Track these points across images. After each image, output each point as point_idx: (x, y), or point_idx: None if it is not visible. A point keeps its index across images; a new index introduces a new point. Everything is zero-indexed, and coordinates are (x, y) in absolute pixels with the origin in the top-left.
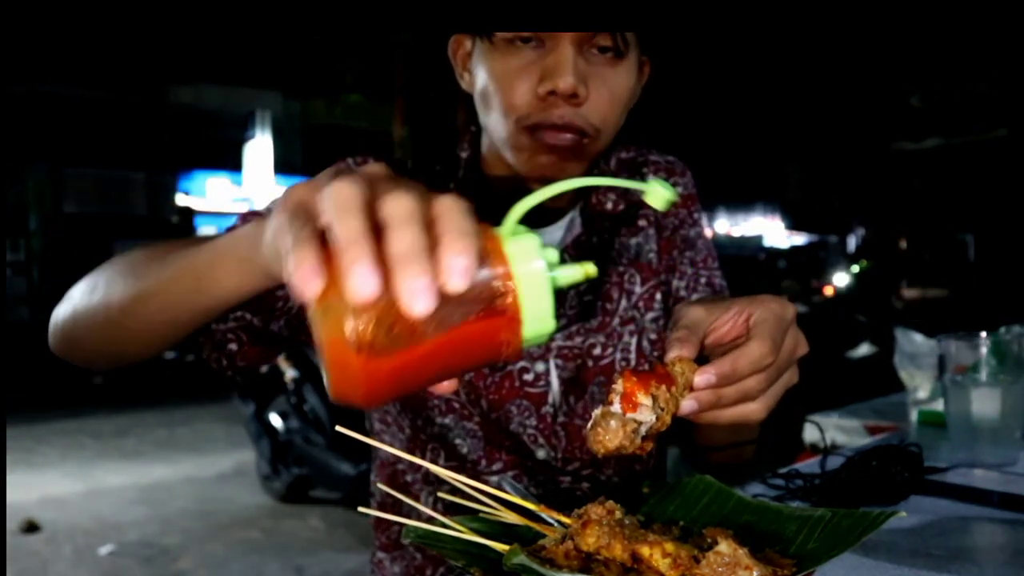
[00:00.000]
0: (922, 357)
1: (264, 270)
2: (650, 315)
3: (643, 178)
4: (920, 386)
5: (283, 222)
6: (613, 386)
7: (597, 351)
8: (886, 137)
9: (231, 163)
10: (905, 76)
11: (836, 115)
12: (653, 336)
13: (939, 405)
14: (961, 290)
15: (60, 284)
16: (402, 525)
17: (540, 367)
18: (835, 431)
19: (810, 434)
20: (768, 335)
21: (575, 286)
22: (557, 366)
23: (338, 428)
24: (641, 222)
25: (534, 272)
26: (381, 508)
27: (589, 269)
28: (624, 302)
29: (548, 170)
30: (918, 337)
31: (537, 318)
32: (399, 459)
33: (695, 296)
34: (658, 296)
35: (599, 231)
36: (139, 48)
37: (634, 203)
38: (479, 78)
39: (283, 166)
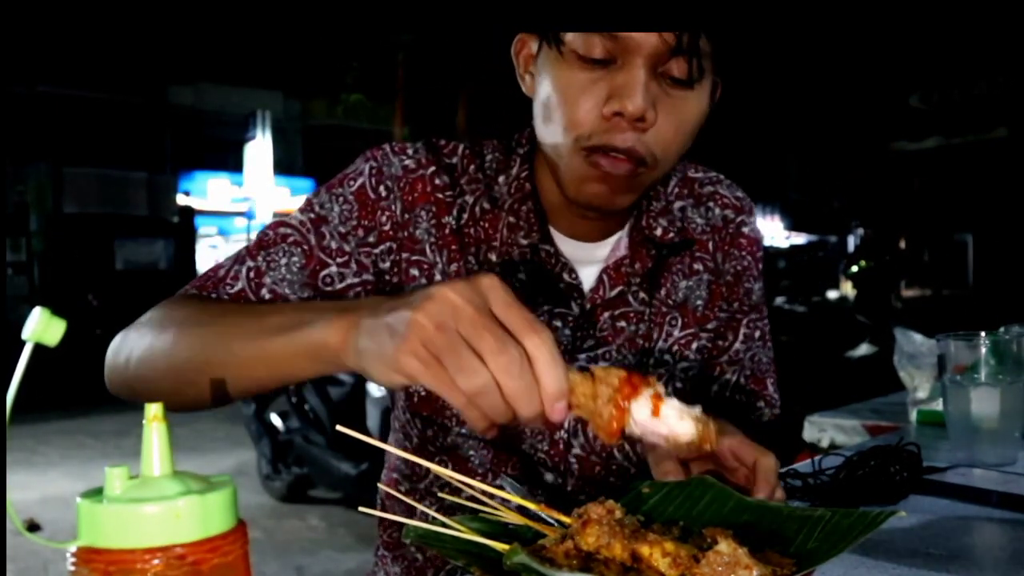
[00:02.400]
0: (922, 357)
1: (340, 366)
2: (682, 364)
3: (707, 209)
4: (919, 386)
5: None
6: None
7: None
8: (886, 137)
9: (231, 163)
10: (905, 76)
11: (836, 115)
12: (679, 384)
13: (938, 405)
14: (961, 290)
15: (60, 284)
16: (404, 526)
17: None
18: (835, 431)
19: (810, 434)
20: (767, 454)
21: (615, 309)
22: None
23: (338, 428)
24: (697, 266)
25: None
26: (384, 509)
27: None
28: (661, 343)
29: (597, 200)
30: (918, 337)
31: None
32: (402, 467)
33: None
34: (694, 346)
35: (645, 256)
36: (139, 49)
37: (690, 238)
38: (542, 87)
39: (283, 166)
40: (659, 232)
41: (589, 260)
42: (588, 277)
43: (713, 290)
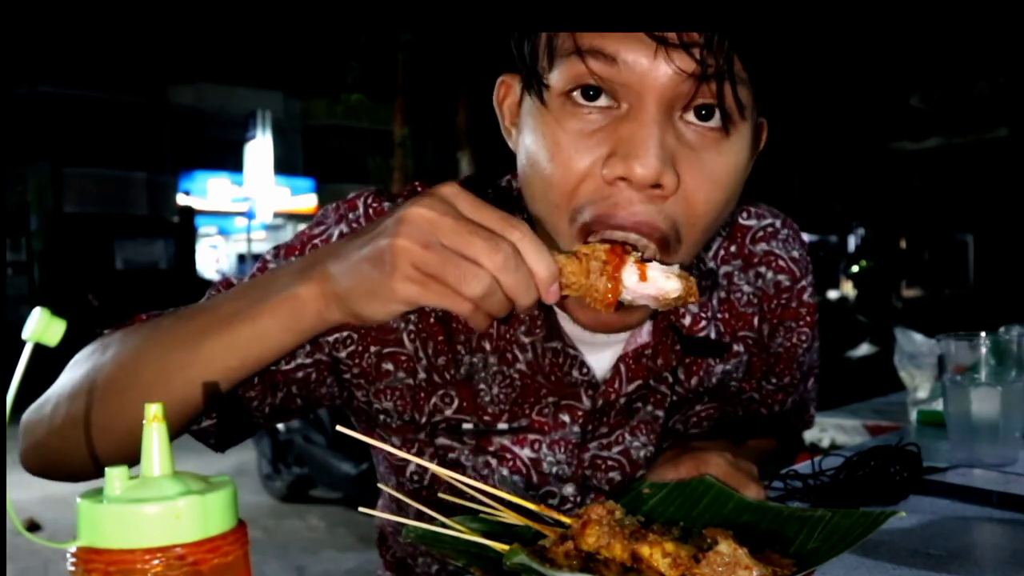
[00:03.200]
0: (922, 357)
1: (320, 323)
2: (695, 431)
3: (756, 275)
4: (920, 386)
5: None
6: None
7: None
8: (886, 137)
9: (231, 163)
10: (905, 76)
11: (836, 115)
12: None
13: (939, 405)
14: (961, 290)
15: (60, 284)
16: (406, 543)
17: (568, 490)
18: (835, 431)
19: (810, 434)
20: (749, 486)
21: (632, 396)
22: (596, 479)
23: (338, 428)
24: (738, 347)
25: None
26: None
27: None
28: (678, 416)
29: (600, 313)
30: (918, 337)
31: None
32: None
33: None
34: (715, 416)
35: (669, 350)
36: (140, 48)
37: (725, 342)
38: (523, 143)
39: (283, 166)
40: (688, 321)
41: (603, 342)
42: (601, 362)
43: (754, 363)
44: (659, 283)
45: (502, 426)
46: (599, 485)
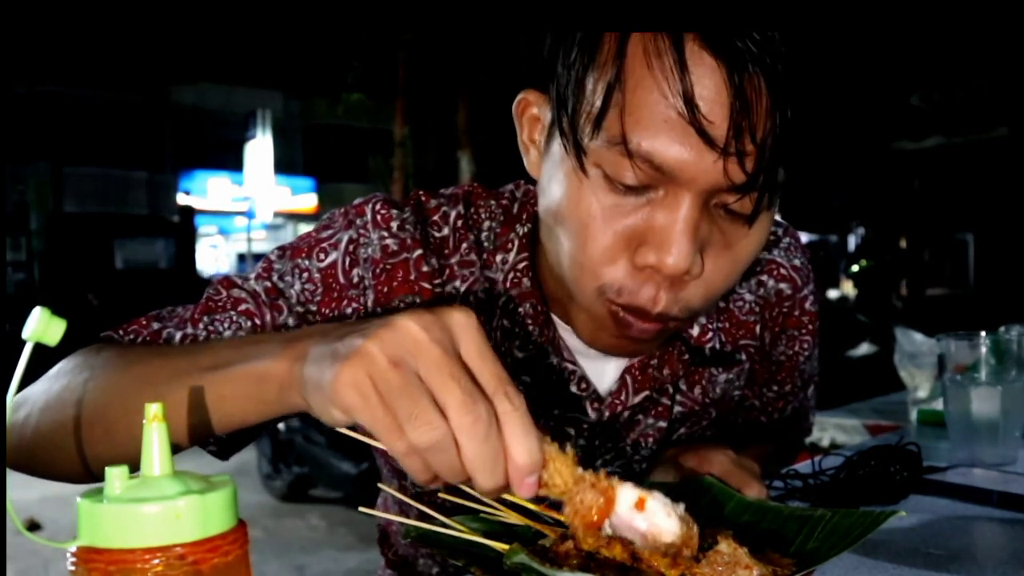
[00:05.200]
0: (922, 356)
1: (285, 404)
2: (697, 439)
3: (758, 284)
4: (920, 385)
5: (389, 384)
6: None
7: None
8: (886, 137)
9: (232, 162)
10: (905, 76)
11: (836, 114)
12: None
13: (939, 404)
14: (961, 290)
15: (60, 284)
16: (407, 542)
17: None
18: (835, 430)
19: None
20: (751, 485)
21: (636, 407)
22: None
23: (338, 429)
24: (741, 356)
25: None
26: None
27: None
28: (683, 429)
29: (614, 349)
30: (918, 336)
31: None
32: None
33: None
34: (704, 423)
35: (675, 360)
36: (140, 48)
37: (730, 351)
38: (552, 189)
39: (284, 165)
40: (695, 331)
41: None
42: (605, 374)
43: (756, 372)
44: (656, 518)
45: None
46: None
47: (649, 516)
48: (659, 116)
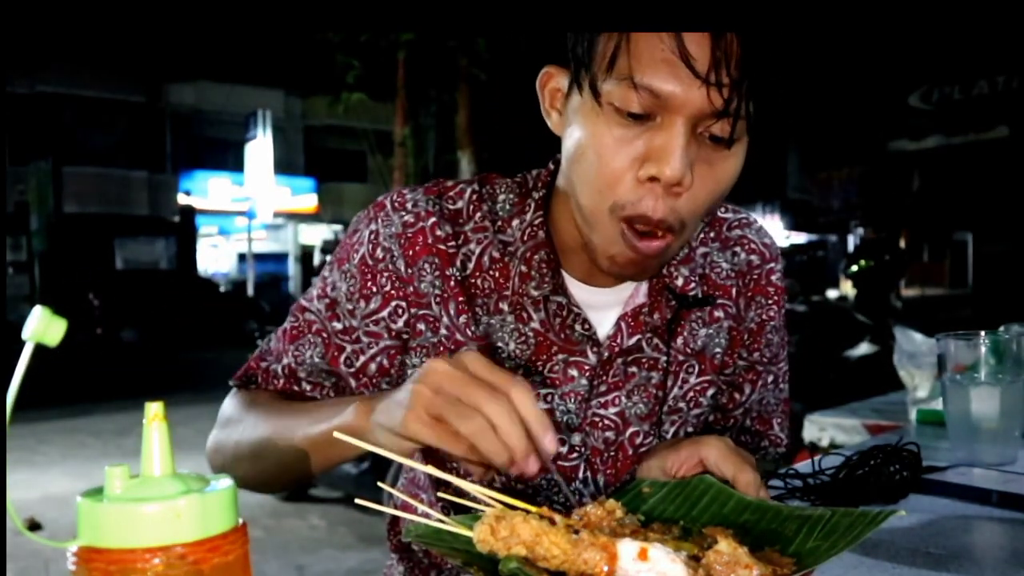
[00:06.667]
0: (922, 356)
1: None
2: (696, 411)
3: (733, 254)
4: (919, 385)
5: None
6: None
7: (639, 439)
8: (885, 137)
9: (232, 162)
10: (905, 76)
11: (835, 114)
12: (691, 429)
13: (938, 404)
14: (961, 290)
15: (60, 284)
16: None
17: (576, 439)
18: (835, 430)
19: (810, 433)
20: (746, 470)
21: (630, 355)
22: (593, 437)
23: (336, 435)
24: (718, 313)
25: None
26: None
27: None
28: (676, 390)
29: (626, 273)
30: (918, 336)
31: None
32: (407, 472)
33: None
34: (709, 393)
35: (664, 307)
36: (140, 48)
37: (711, 294)
38: (574, 135)
39: (284, 165)
40: (680, 282)
41: (605, 305)
42: (604, 323)
43: (733, 336)
44: (661, 566)
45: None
46: (595, 443)
47: (654, 565)
48: (657, 56)
